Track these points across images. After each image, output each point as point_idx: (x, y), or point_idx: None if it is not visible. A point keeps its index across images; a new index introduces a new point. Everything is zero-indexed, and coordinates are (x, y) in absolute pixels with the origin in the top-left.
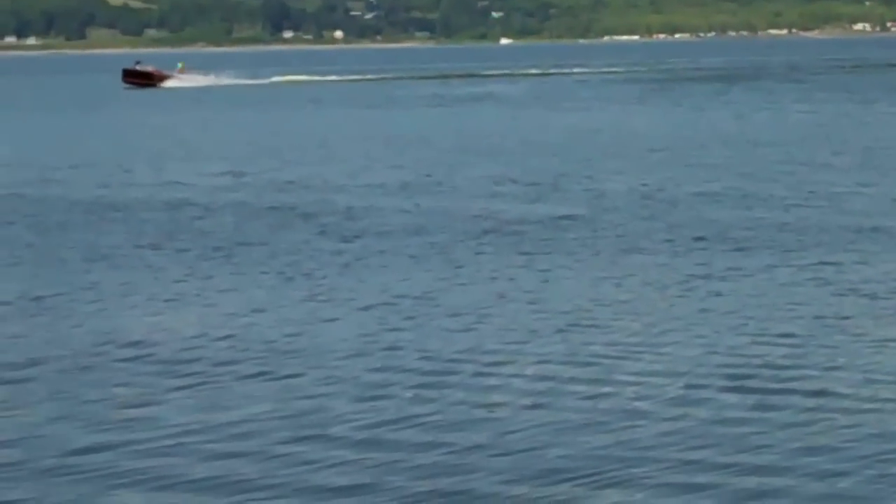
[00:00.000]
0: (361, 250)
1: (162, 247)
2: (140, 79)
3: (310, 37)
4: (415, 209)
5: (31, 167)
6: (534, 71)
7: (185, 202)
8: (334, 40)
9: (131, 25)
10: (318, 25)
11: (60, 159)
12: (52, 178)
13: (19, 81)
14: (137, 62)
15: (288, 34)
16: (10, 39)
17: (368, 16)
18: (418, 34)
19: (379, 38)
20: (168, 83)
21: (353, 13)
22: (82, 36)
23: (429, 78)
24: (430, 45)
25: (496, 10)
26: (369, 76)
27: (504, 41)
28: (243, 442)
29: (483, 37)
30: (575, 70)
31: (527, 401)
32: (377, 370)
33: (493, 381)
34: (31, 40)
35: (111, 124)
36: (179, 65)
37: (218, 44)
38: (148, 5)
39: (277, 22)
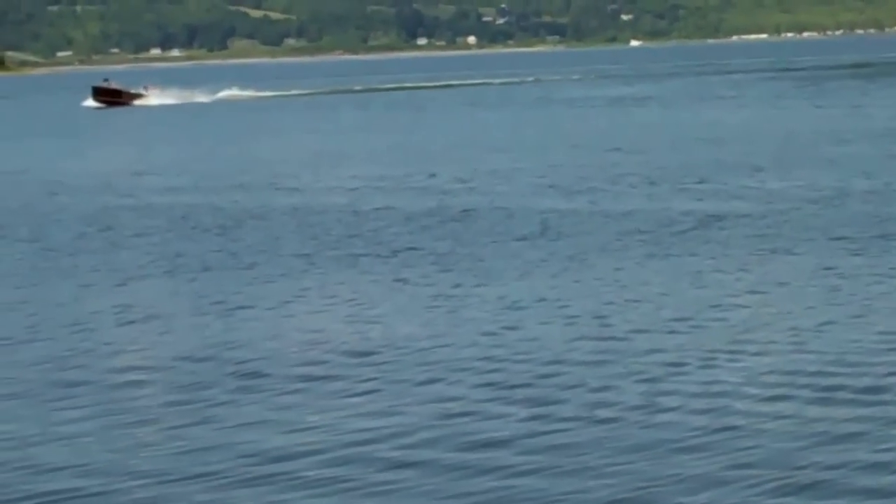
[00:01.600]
0: (546, 250)
1: (339, 250)
2: (110, 97)
3: (443, 43)
4: (594, 208)
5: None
6: (674, 70)
7: (348, 207)
8: (467, 46)
9: (271, 36)
10: (452, 32)
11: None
12: (205, 187)
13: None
14: (105, 79)
15: (422, 41)
16: (156, 51)
17: (500, 21)
18: (549, 38)
19: (511, 42)
20: (139, 101)
21: (485, 19)
22: (224, 47)
23: (560, 80)
24: (561, 48)
25: (625, 13)
26: (509, 79)
27: (634, 43)
28: (425, 451)
29: (613, 39)
30: (715, 68)
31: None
32: (604, 375)
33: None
34: (175, 52)
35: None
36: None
37: (354, 52)
38: (287, 16)
39: (412, 29)
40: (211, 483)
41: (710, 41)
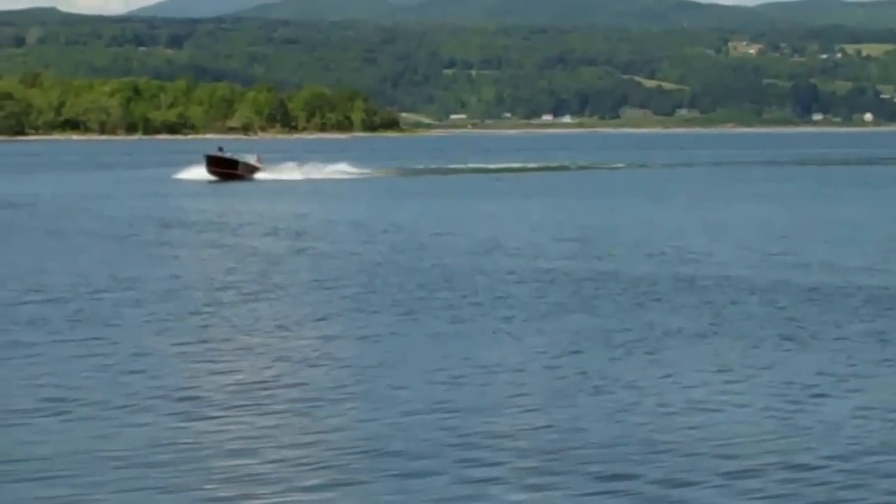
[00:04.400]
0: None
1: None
2: (226, 168)
3: (839, 119)
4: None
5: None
6: None
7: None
8: (864, 123)
9: (663, 106)
10: (848, 108)
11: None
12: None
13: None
14: (220, 148)
15: (817, 116)
16: (547, 118)
17: None
18: None
19: None
20: (259, 175)
21: (883, 96)
22: (615, 115)
23: None
24: None
25: None
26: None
27: None
28: None
29: None
30: None
31: None
32: None
33: None
34: (567, 118)
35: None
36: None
37: (748, 125)
38: (680, 87)
39: (807, 104)
40: None
41: None
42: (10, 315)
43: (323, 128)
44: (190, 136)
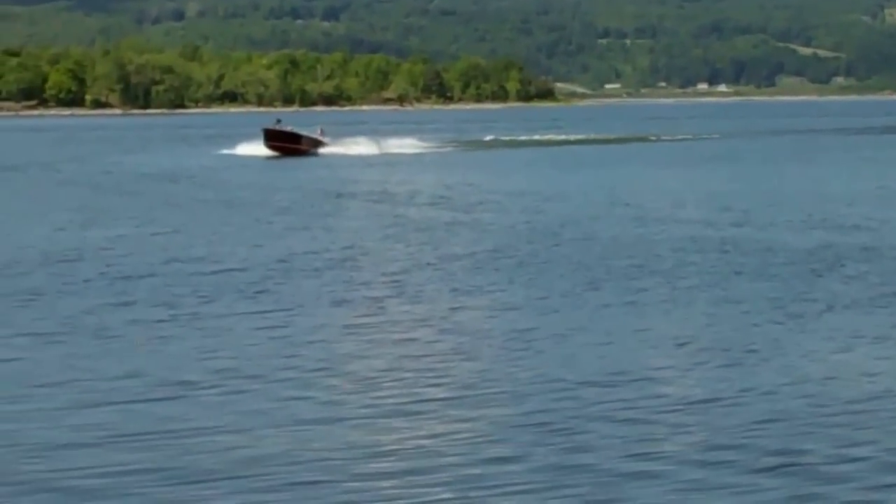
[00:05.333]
0: None
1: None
2: (287, 142)
3: None
4: None
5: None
6: None
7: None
8: None
9: (819, 73)
10: None
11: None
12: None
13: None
14: (278, 120)
15: None
16: (703, 86)
17: None
18: None
19: None
20: (324, 150)
21: None
22: (771, 83)
23: None
24: None
25: None
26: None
27: None
28: None
29: None
30: None
31: None
32: None
33: None
34: (722, 87)
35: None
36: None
37: None
38: (836, 54)
39: None
40: None
41: None
42: (190, 285)
43: (478, 98)
44: (346, 108)
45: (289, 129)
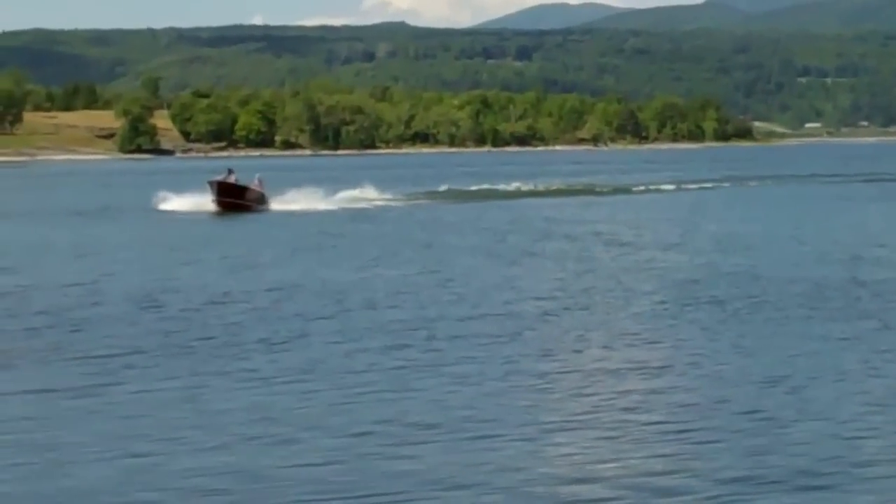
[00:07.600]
0: None
1: None
2: (232, 197)
3: None
4: None
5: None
6: None
7: None
8: None
9: None
10: None
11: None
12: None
13: None
14: (230, 170)
15: None
16: None
17: None
18: None
19: None
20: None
21: None
22: None
23: None
24: None
25: None
26: None
27: None
28: None
29: None
30: None
31: None
32: None
33: None
34: None
35: None
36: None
37: None
38: None
39: None
40: None
41: None
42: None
43: (674, 138)
44: (539, 148)
45: (233, 179)
